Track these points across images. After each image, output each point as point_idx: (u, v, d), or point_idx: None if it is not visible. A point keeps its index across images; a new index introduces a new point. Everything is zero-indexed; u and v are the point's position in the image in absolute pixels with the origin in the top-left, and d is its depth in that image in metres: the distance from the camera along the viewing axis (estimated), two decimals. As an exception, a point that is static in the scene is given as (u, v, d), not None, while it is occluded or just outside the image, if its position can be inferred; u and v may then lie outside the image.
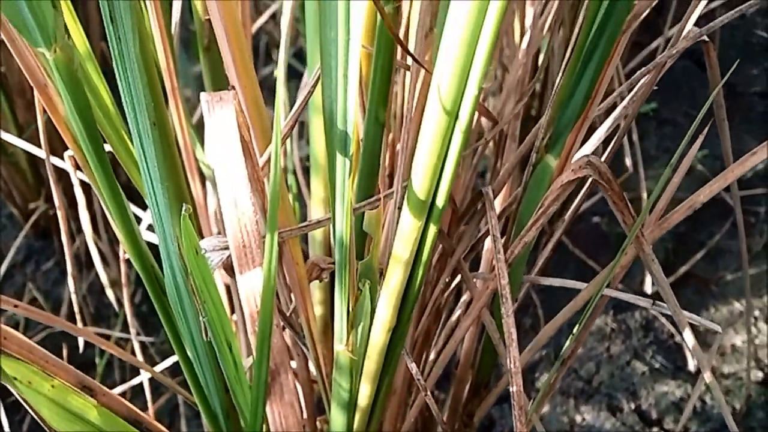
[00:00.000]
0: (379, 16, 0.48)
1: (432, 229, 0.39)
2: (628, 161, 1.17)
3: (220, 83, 0.64)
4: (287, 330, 0.50)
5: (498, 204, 0.60)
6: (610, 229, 1.27)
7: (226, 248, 0.43)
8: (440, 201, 0.38)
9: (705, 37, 0.55)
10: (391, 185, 0.61)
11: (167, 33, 0.58)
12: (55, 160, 0.71)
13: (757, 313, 1.22)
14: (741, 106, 1.46)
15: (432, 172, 0.36)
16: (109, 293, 0.76)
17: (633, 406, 1.10)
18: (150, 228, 0.76)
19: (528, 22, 0.87)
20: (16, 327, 1.06)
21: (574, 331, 0.53)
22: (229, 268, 0.43)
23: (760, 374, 1.13)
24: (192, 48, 1.29)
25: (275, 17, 1.13)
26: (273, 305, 0.35)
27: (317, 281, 0.49)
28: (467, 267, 0.58)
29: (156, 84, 0.53)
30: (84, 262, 1.07)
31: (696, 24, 0.58)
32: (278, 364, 0.39)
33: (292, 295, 0.51)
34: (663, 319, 1.17)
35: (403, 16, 0.54)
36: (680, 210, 0.51)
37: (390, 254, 0.43)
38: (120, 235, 0.47)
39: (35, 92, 0.47)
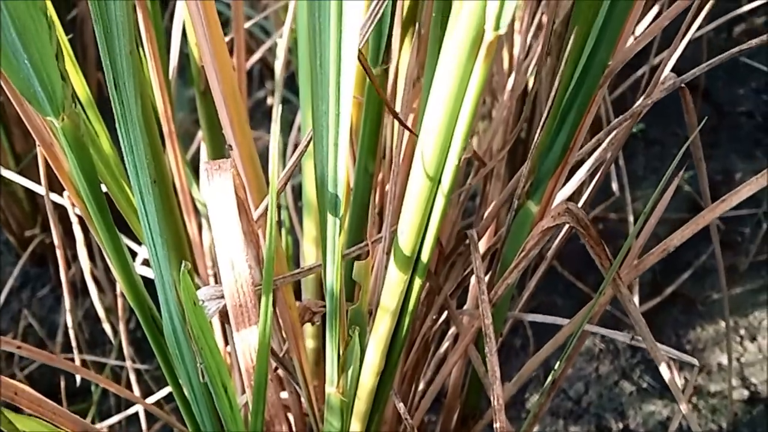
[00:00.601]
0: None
1: (417, 282, 0.42)
2: (614, 185, 1.20)
3: (215, 123, 0.67)
4: (280, 370, 0.53)
5: (483, 243, 0.63)
6: (598, 250, 1.30)
7: (222, 297, 0.46)
8: (425, 256, 0.41)
9: (686, 80, 0.58)
10: (380, 222, 0.64)
11: (165, 78, 0.61)
12: (53, 196, 0.74)
13: (742, 332, 1.25)
14: (728, 126, 1.50)
15: (416, 231, 0.39)
16: (106, 326, 0.78)
17: (621, 425, 1.13)
18: (144, 262, 0.78)
19: (516, 50, 0.90)
20: (11, 354, 1.08)
21: (556, 366, 0.56)
22: (224, 315, 0.45)
23: (746, 392, 1.16)
24: (187, 72, 1.32)
25: (271, 49, 1.16)
26: (268, 363, 0.38)
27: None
28: (454, 304, 0.61)
29: (156, 139, 0.56)
30: (79, 289, 1.09)
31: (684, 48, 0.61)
32: (273, 415, 0.42)
33: (285, 334, 0.54)
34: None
35: (391, 65, 0.57)
36: (655, 252, 0.54)
37: (379, 300, 0.46)
38: (120, 282, 0.50)
39: (39, 145, 0.49)
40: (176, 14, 0.64)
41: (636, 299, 1.23)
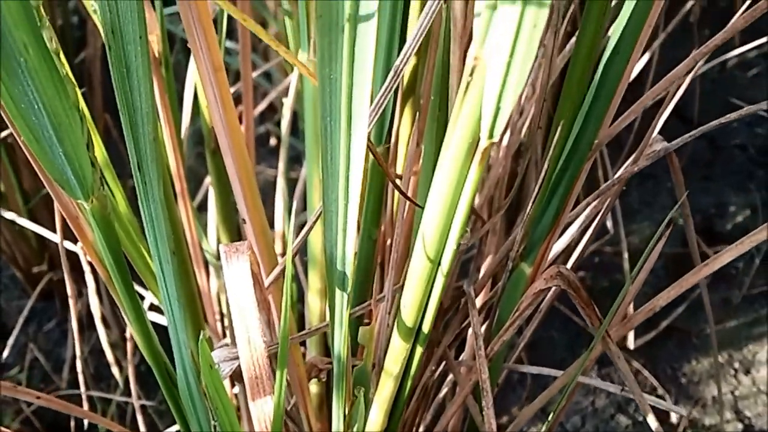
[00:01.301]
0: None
1: (419, 350, 0.46)
2: (609, 224, 1.24)
3: (224, 179, 0.71)
4: (288, 422, 0.57)
5: (480, 298, 0.66)
6: (594, 284, 1.34)
7: (236, 358, 0.50)
8: (426, 328, 0.45)
9: (670, 150, 0.62)
10: (383, 274, 0.68)
11: (177, 139, 0.65)
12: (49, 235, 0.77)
13: (737, 365, 1.29)
14: (722, 159, 1.54)
15: (418, 306, 0.43)
16: (115, 371, 0.82)
17: (617, 459, 1.16)
18: (152, 307, 0.82)
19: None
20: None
21: (550, 417, 0.60)
22: (237, 376, 0.49)
23: (740, 426, 1.19)
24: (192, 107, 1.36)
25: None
26: (282, 430, 0.42)
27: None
28: (453, 354, 0.65)
29: (172, 205, 0.60)
30: (85, 324, 1.13)
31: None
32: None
33: (292, 389, 0.57)
34: (646, 373, 1.24)
35: (392, 134, 0.61)
36: (642, 311, 0.58)
37: (384, 356, 0.49)
38: (138, 341, 0.53)
39: (56, 210, 0.53)
40: (188, 78, 0.68)
41: (631, 334, 1.27)
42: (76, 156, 0.41)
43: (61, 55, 0.41)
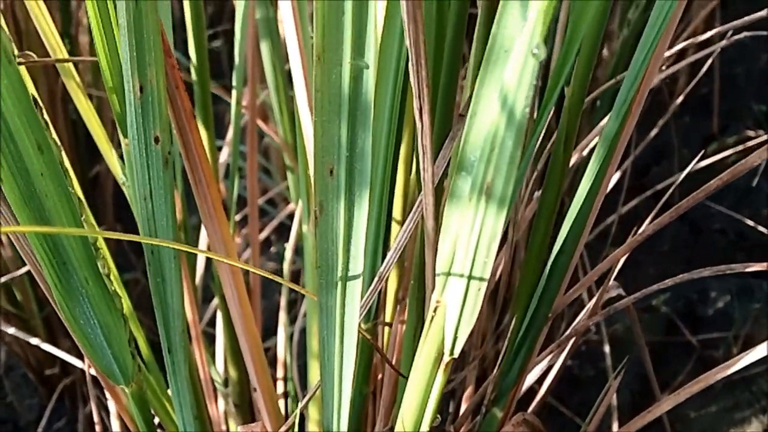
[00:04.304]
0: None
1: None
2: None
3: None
4: None
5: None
6: (581, 372, 1.45)
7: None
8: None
9: (628, 303, 0.74)
10: (375, 406, 0.79)
11: (193, 289, 0.77)
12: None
13: (719, 449, 1.39)
14: (703, 243, 1.66)
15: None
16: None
17: None
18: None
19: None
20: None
21: None
22: None
23: None
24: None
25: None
26: None
27: None
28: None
29: (193, 364, 0.71)
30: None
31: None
32: None
33: None
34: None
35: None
36: (599, 448, 0.69)
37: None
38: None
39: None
40: (202, 233, 0.80)
41: (615, 424, 1.37)
42: (120, 354, 0.53)
43: (112, 275, 0.53)
